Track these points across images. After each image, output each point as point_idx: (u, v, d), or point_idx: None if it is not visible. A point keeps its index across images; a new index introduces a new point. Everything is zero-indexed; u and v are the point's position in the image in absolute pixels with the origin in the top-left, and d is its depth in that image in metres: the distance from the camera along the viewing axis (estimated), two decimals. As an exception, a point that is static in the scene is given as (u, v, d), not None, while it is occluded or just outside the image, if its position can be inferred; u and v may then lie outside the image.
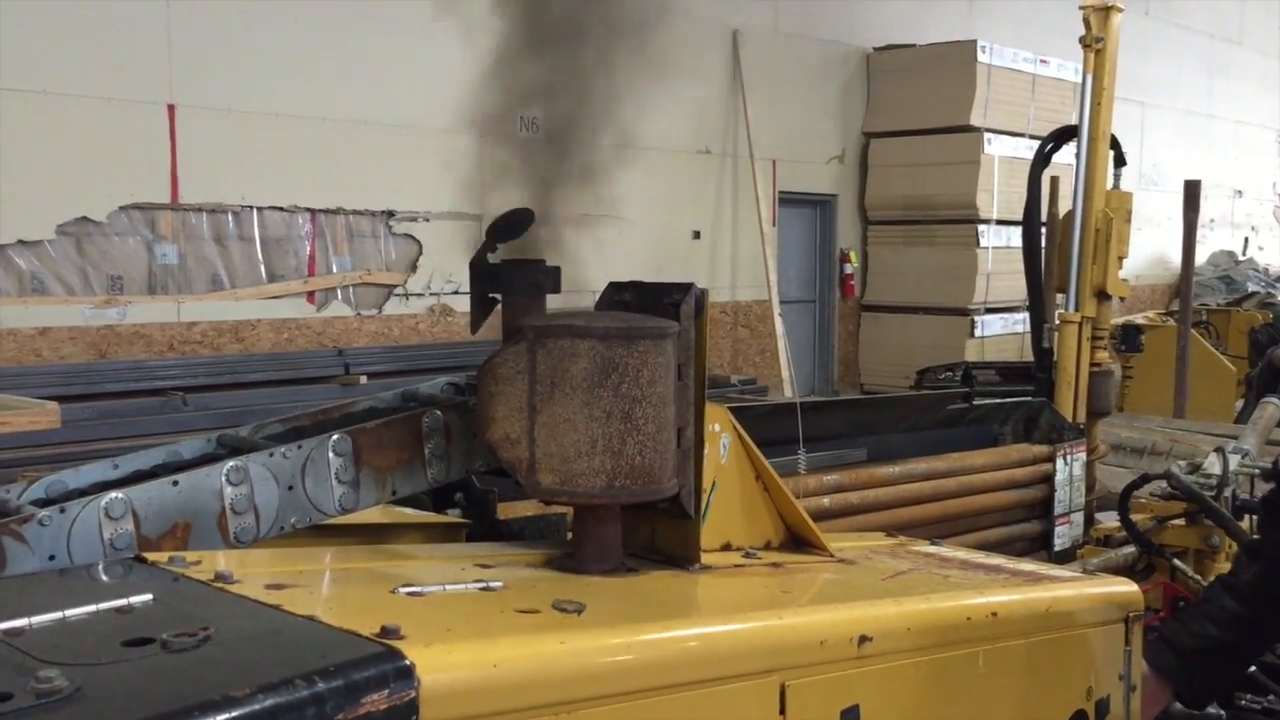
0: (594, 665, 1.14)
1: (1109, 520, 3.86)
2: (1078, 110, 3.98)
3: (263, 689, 0.88)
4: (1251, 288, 13.60)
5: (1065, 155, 4.20)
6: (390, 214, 8.97)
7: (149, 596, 1.10)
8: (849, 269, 11.22)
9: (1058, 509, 3.47)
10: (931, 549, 2.11)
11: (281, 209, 8.05)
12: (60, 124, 7.10)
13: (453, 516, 1.96)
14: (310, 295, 8.56)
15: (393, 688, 0.94)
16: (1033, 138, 10.42)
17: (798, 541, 1.89)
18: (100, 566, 1.27)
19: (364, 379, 8.51)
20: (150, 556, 1.27)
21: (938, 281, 10.35)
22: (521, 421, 1.50)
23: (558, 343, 1.48)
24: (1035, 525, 3.49)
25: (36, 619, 1.03)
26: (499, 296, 1.76)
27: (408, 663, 0.97)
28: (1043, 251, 4.13)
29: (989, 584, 1.84)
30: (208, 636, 1.00)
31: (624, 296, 1.65)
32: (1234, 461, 3.27)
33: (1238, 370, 8.49)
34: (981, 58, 10.05)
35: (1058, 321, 3.91)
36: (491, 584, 1.34)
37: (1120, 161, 3.98)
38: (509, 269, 1.72)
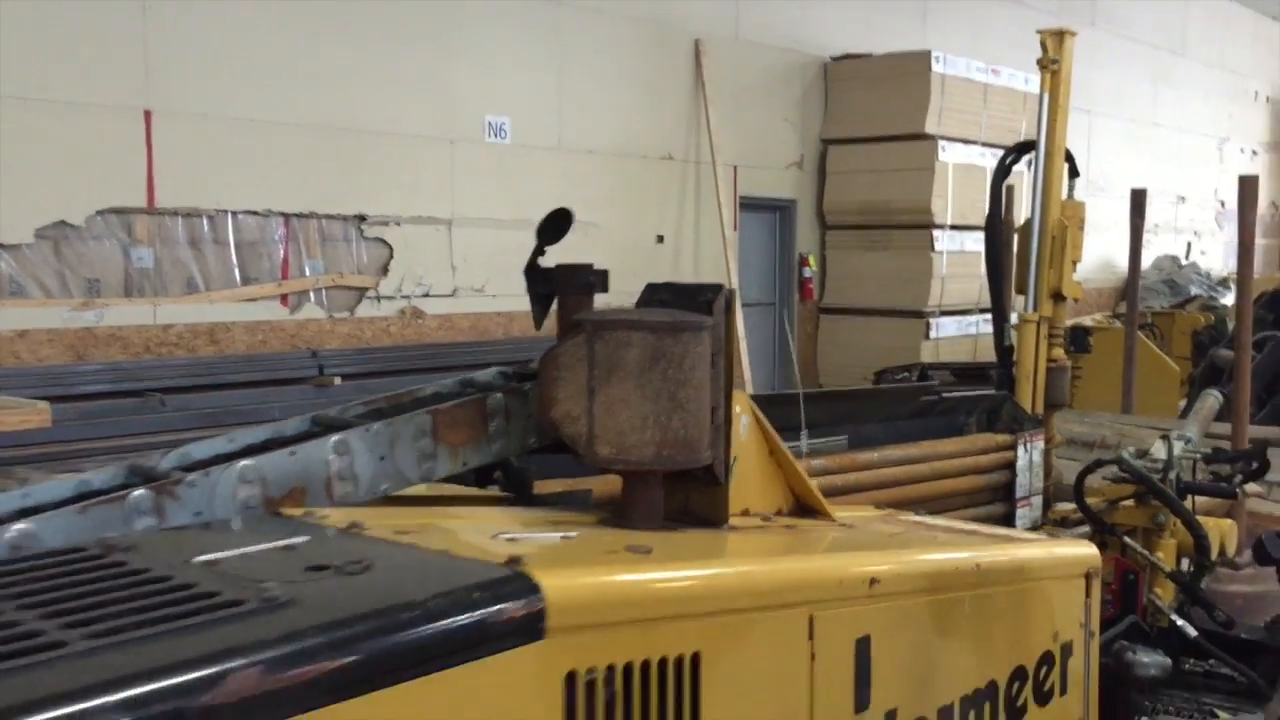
0: (672, 590, 1.40)
1: (1065, 505, 4.17)
2: (1033, 124, 4.30)
3: (435, 596, 1.13)
4: (1194, 291, 14.04)
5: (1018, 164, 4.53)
6: (361, 218, 9.13)
7: (306, 538, 1.34)
8: (808, 272, 11.45)
9: (1019, 492, 3.78)
10: (917, 518, 2.40)
11: (256, 213, 8.13)
12: (38, 130, 7.20)
13: (495, 491, 2.20)
14: (284, 298, 8.70)
15: (528, 600, 1.19)
16: (985, 145, 10.77)
17: (805, 509, 2.17)
18: (242, 520, 1.50)
19: (338, 380, 8.66)
20: (284, 511, 1.51)
21: (894, 285, 10.60)
22: (582, 401, 1.76)
23: (614, 334, 1.74)
24: (998, 507, 3.79)
25: (220, 555, 1.27)
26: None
27: (535, 581, 1.22)
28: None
29: (971, 543, 2.13)
30: (370, 565, 1.24)
31: (661, 295, 1.91)
32: (1178, 447, 3.59)
33: (1181, 370, 8.90)
34: (935, 68, 10.37)
35: (1017, 321, 4.22)
36: (568, 534, 1.59)
37: (1074, 173, 4.31)
38: (564, 272, 1.96)
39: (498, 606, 1.16)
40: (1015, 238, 4.36)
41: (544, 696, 1.21)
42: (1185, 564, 3.60)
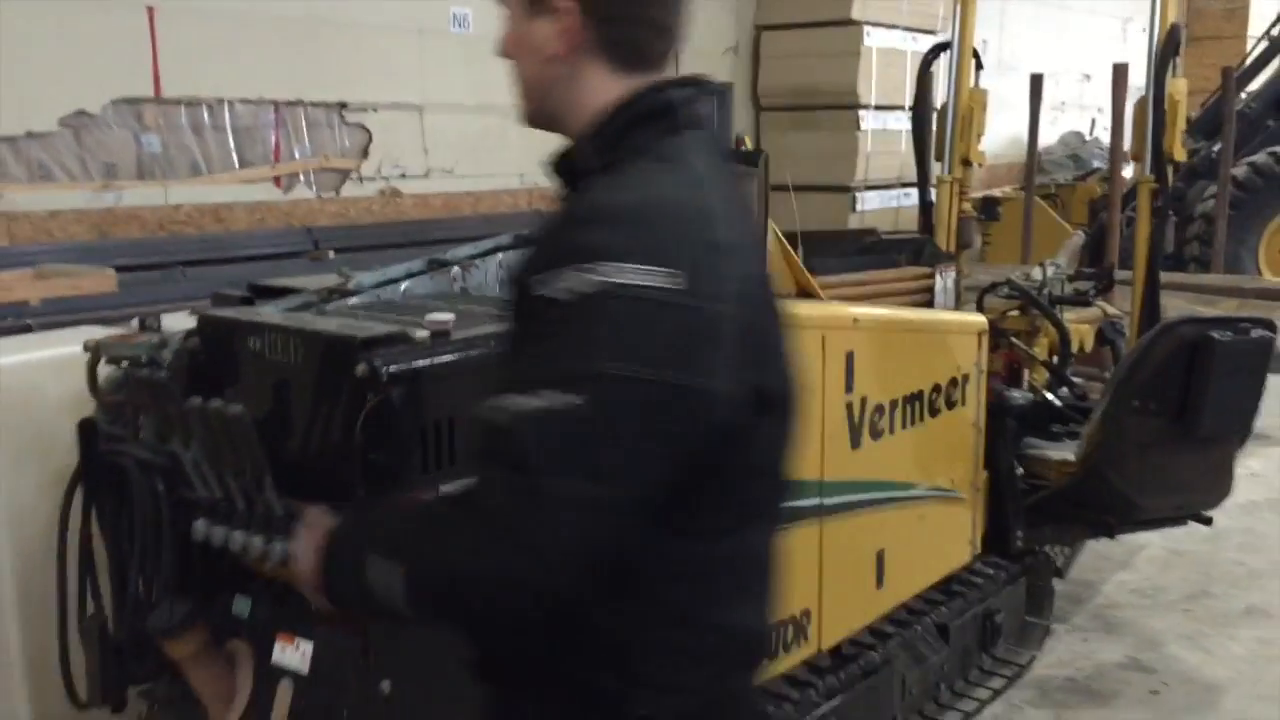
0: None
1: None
2: (949, 10, 5.41)
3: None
4: (1096, 164, 15.13)
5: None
6: (343, 105, 9.91)
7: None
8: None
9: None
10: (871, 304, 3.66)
11: (250, 101, 8.64)
12: (56, 25, 7.82)
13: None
14: (277, 180, 9.42)
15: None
16: (906, 29, 11.65)
17: (804, 294, 3.42)
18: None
19: (331, 254, 9.60)
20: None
21: (823, 162, 11.27)
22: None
23: None
24: (921, 322, 5.08)
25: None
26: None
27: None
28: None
29: (909, 311, 3.41)
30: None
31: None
32: (1050, 271, 4.90)
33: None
34: None
35: (936, 181, 5.48)
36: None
37: (979, 66, 5.53)
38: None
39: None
40: (934, 117, 5.58)
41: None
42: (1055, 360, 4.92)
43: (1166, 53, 5.23)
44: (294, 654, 2.04)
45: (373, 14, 9.63)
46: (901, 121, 11.29)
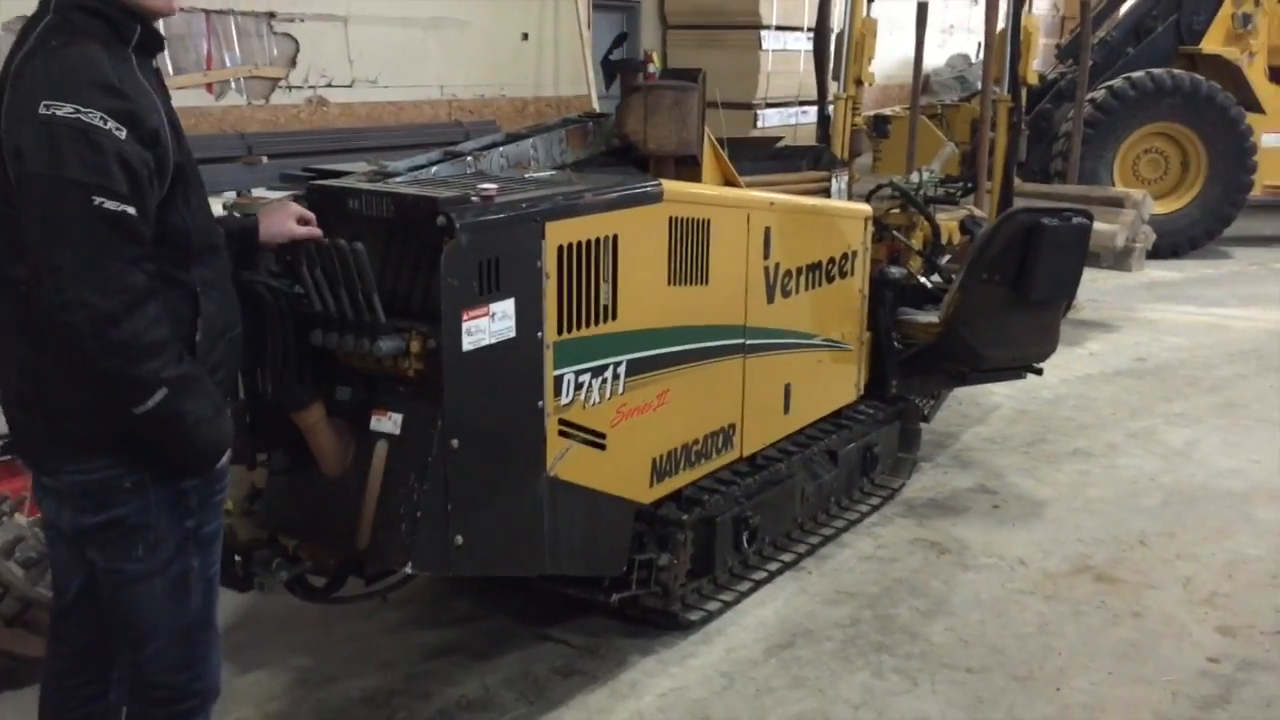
0: (700, 192, 3.56)
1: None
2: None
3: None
4: (979, 86, 16.04)
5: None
6: (271, 15, 10.33)
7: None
8: (652, 69, 13.25)
9: (831, 209, 6.01)
10: (782, 195, 4.59)
11: (182, 9, 9.10)
12: None
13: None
14: (209, 87, 9.81)
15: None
16: None
17: (728, 184, 4.33)
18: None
19: (265, 159, 10.13)
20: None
21: (727, 79, 11.56)
22: (641, 122, 3.83)
23: (655, 90, 3.81)
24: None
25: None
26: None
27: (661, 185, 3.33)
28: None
29: (811, 199, 4.36)
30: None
31: (673, 74, 3.98)
32: (925, 175, 5.90)
33: (961, 152, 11.28)
34: None
35: (833, 98, 6.42)
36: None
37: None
38: (625, 63, 4.00)
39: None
40: (832, 40, 6.50)
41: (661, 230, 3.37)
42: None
43: (1019, -12, 6.19)
44: (388, 422, 2.91)
45: (301, -78, 9.98)
46: (800, 42, 12.20)
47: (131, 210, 2.11)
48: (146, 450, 2.27)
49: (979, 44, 17.15)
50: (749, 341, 3.98)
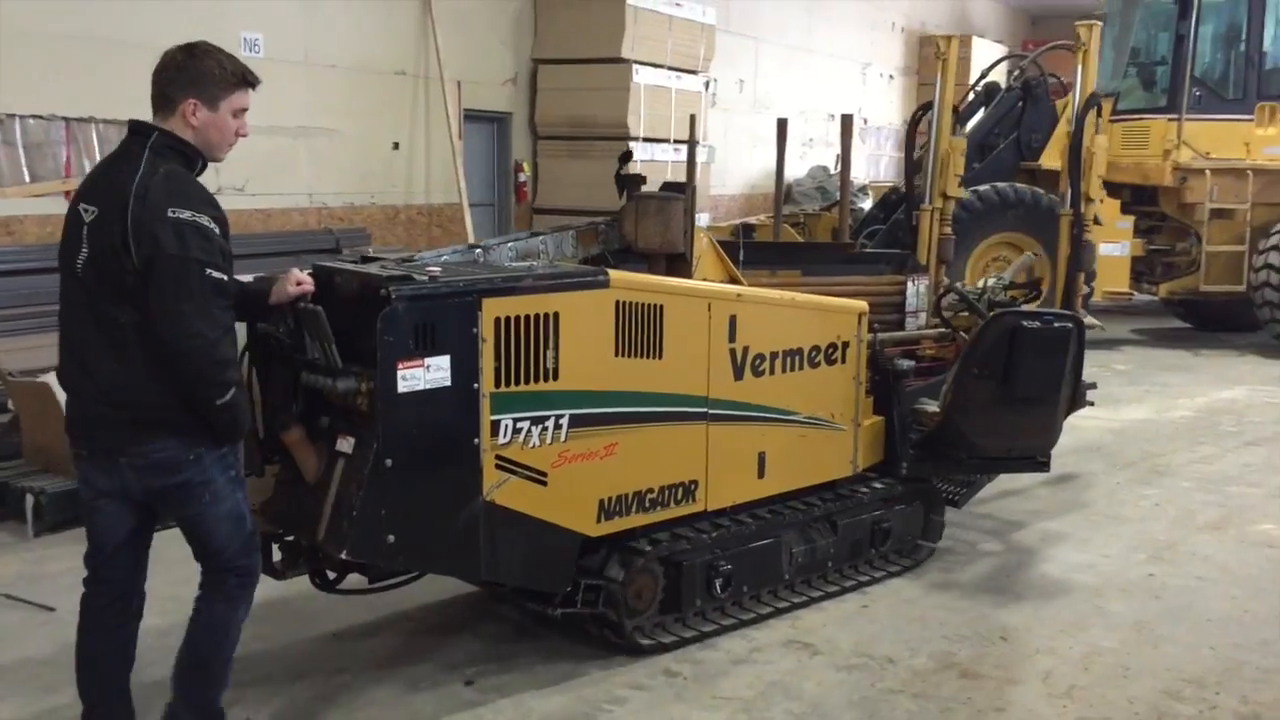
0: (671, 284, 4.40)
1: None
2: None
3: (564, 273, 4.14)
4: (839, 196, 15.19)
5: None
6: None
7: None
8: (523, 178, 12.74)
9: (908, 306, 6.53)
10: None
11: (41, 117, 8.45)
12: None
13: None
14: (68, 193, 8.32)
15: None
16: (670, 69, 12.39)
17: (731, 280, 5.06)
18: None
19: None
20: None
21: (595, 189, 11.31)
22: (634, 225, 4.71)
23: (646, 200, 4.75)
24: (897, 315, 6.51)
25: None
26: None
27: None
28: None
29: (797, 295, 5.03)
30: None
31: (667, 188, 4.83)
32: (993, 281, 6.28)
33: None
34: (630, 0, 11.83)
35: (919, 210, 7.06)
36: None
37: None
38: (629, 178, 4.91)
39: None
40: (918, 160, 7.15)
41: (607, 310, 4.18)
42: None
43: (1084, 113, 6.53)
44: (346, 444, 3.87)
45: (164, 35, 9.79)
46: (668, 153, 12.45)
47: (224, 277, 3.36)
48: (201, 431, 3.42)
49: (836, 156, 16.69)
50: (713, 411, 4.65)
